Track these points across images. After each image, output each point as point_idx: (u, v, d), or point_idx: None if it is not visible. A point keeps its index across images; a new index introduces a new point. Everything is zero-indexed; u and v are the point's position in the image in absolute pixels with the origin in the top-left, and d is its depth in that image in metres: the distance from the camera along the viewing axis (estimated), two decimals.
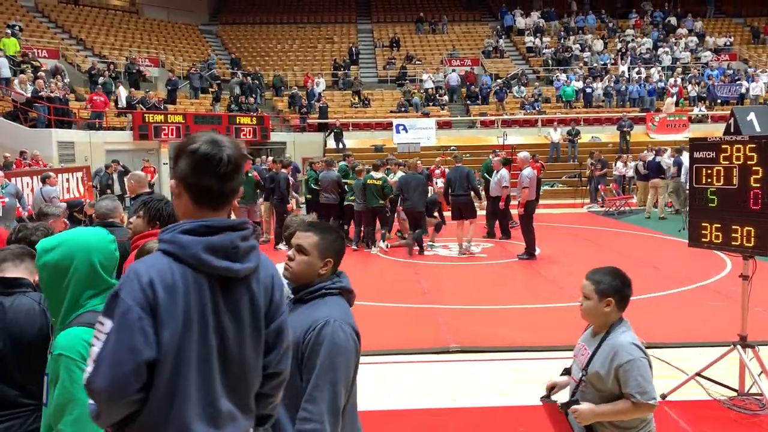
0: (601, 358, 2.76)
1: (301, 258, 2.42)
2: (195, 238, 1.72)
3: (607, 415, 2.72)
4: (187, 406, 1.70)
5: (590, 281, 2.90)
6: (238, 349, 1.81)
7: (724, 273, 9.16)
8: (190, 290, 1.70)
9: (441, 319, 7.08)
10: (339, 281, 2.48)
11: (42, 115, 17.64)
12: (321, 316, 2.30)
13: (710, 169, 4.68)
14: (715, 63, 29.08)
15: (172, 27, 31.84)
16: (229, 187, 1.80)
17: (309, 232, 2.45)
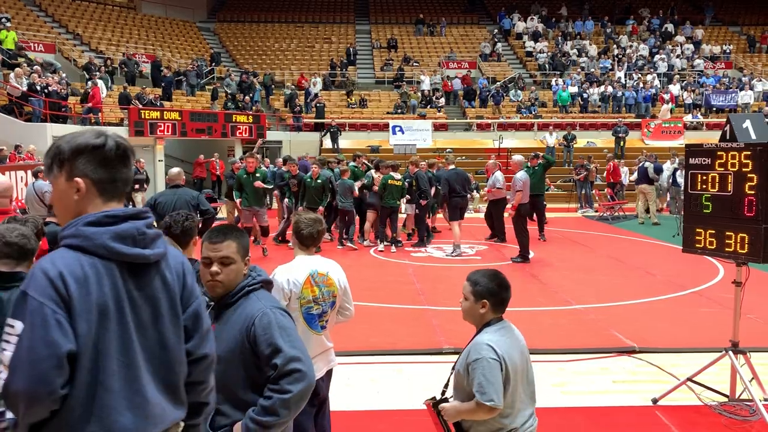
0: (461, 357, 2.81)
1: (229, 268, 2.47)
2: (100, 228, 1.70)
3: (461, 413, 2.72)
4: (111, 398, 1.66)
5: (469, 282, 2.88)
6: (158, 336, 1.79)
7: (716, 279, 9.20)
8: (103, 281, 1.68)
9: (435, 321, 7.08)
10: (258, 275, 2.55)
11: (37, 109, 17.58)
12: (256, 309, 2.41)
13: (705, 176, 4.70)
14: (710, 71, 29.23)
15: (169, 23, 31.78)
16: (129, 174, 1.82)
17: (226, 240, 2.49)
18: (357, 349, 6.11)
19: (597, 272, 9.95)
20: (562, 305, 7.85)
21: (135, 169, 15.54)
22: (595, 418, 4.79)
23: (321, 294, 3.39)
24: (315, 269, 3.40)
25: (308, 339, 3.25)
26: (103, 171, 1.75)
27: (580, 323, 7.06)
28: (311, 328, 3.36)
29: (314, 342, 3.35)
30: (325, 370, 3.45)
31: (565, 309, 7.68)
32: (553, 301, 8.02)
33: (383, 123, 24.96)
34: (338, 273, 3.53)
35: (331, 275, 3.46)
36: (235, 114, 22.29)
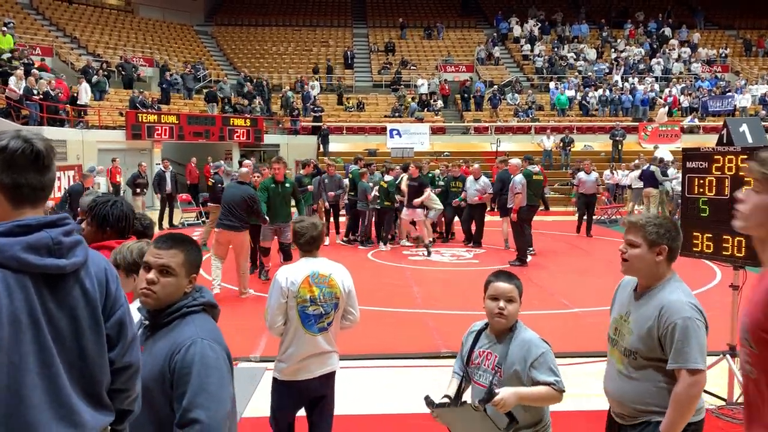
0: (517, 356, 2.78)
1: (167, 280, 2.18)
2: (11, 239, 1.62)
3: (531, 398, 2.72)
4: (33, 413, 1.62)
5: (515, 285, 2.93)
6: (79, 346, 1.74)
7: (713, 283, 9.22)
8: (14, 294, 1.61)
9: (432, 324, 7.08)
10: (200, 296, 2.25)
11: (34, 112, 17.55)
12: (186, 337, 2.10)
13: (702, 179, 4.71)
14: (707, 74, 29.32)
15: (167, 27, 31.79)
16: (48, 180, 1.72)
17: (173, 249, 2.21)
18: (354, 353, 6.10)
19: (595, 275, 9.96)
20: (559, 308, 7.85)
21: (137, 173, 15.49)
22: (594, 421, 4.78)
23: (321, 295, 3.43)
24: (316, 270, 3.47)
25: (301, 338, 3.39)
26: (7, 175, 1.64)
27: (578, 327, 7.06)
28: (305, 327, 3.41)
29: (307, 342, 3.40)
30: (318, 372, 3.47)
31: (562, 312, 7.68)
32: (550, 305, 8.02)
33: (381, 126, 24.99)
34: (342, 275, 3.56)
35: (334, 277, 3.49)
36: (232, 117, 22.29)
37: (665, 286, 2.59)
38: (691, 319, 2.48)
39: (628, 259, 2.62)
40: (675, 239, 2.59)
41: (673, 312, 2.49)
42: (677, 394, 2.47)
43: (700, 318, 2.51)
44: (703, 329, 2.51)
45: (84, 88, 19.85)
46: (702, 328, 2.50)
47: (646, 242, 2.57)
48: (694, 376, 2.45)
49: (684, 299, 2.53)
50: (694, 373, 2.45)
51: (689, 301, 2.52)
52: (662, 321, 2.51)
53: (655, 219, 2.61)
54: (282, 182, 9.00)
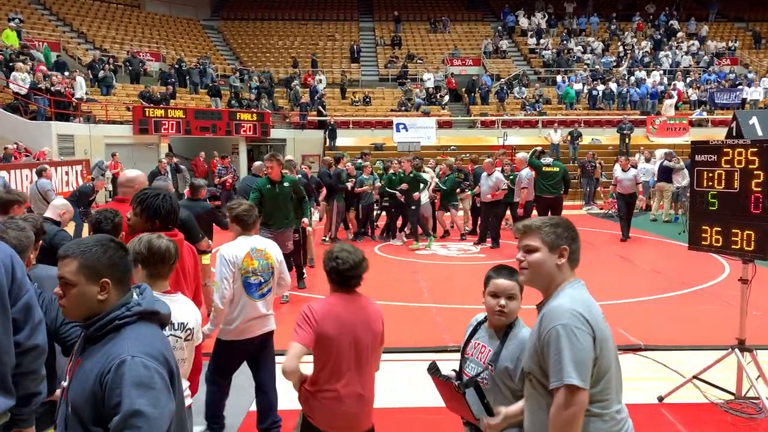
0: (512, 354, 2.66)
1: (69, 293, 1.98)
2: None
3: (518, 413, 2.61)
4: None
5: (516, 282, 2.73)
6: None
7: (722, 277, 9.17)
8: None
9: (439, 319, 7.07)
10: (137, 304, 2.03)
11: (42, 107, 17.62)
12: (116, 355, 1.91)
13: (711, 173, 4.68)
14: (716, 67, 29.09)
15: (173, 21, 31.80)
16: None
17: (68, 257, 1.99)
18: None
19: (602, 270, 9.92)
20: None
21: (156, 170, 15.36)
22: None
23: (260, 266, 4.15)
24: (254, 246, 4.20)
25: (246, 304, 4.08)
26: None
27: None
28: (249, 294, 4.10)
29: (250, 307, 4.10)
30: (259, 332, 4.18)
31: None
32: None
33: (387, 120, 24.94)
34: (274, 249, 4.31)
35: (268, 251, 4.24)
36: (239, 112, 22.29)
37: (559, 292, 2.26)
38: (567, 327, 2.09)
39: (527, 266, 2.32)
40: (575, 240, 2.32)
41: (550, 320, 2.15)
42: (551, 417, 2.10)
43: (580, 326, 2.10)
44: (585, 339, 2.09)
45: (79, 83, 19.87)
46: (582, 337, 2.08)
47: (546, 245, 2.28)
48: (568, 395, 2.05)
49: (567, 305, 2.16)
50: (568, 392, 2.04)
51: (572, 307, 2.14)
52: (541, 332, 2.17)
53: (550, 220, 2.35)
54: (279, 182, 7.73)
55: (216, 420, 4.22)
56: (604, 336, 2.16)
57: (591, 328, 2.12)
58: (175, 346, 2.82)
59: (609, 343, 2.19)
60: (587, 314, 2.14)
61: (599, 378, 2.14)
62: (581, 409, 2.06)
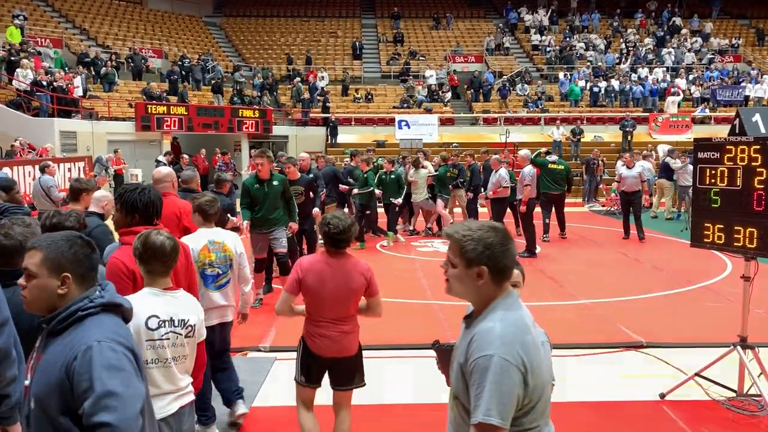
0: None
1: (31, 283, 2.01)
2: None
3: None
4: None
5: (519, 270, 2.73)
6: None
7: (724, 274, 9.16)
8: None
9: (441, 315, 7.08)
10: (99, 296, 2.05)
11: (44, 104, 17.64)
12: (81, 342, 1.91)
13: (714, 170, 4.68)
14: (719, 64, 29.02)
15: (175, 18, 31.81)
16: None
17: (33, 249, 2.04)
18: (363, 343, 6.11)
19: (604, 267, 9.92)
20: (569, 300, 7.84)
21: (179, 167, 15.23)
22: (602, 412, 4.78)
23: (217, 258, 4.24)
24: (212, 238, 4.28)
25: (203, 295, 4.07)
26: None
27: (587, 318, 7.05)
28: (205, 286, 4.19)
29: (207, 297, 4.14)
30: (216, 322, 4.25)
31: (572, 304, 7.66)
32: (559, 296, 8.00)
33: (389, 118, 24.93)
34: (234, 242, 4.38)
35: (226, 243, 4.31)
36: (241, 108, 22.30)
37: (490, 311, 2.03)
38: (495, 358, 1.88)
39: (448, 279, 2.12)
40: (499, 256, 2.03)
41: (478, 347, 1.93)
42: None
43: (511, 359, 1.89)
44: (513, 375, 1.88)
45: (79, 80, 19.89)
46: (511, 372, 1.88)
47: (464, 261, 2.04)
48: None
49: (498, 330, 1.94)
50: (486, 430, 1.87)
51: (503, 335, 1.93)
52: (469, 356, 1.96)
53: (476, 232, 2.06)
54: (268, 180, 7.23)
55: (203, 411, 4.15)
56: (538, 363, 1.97)
57: (522, 359, 1.91)
58: (175, 343, 2.83)
59: (542, 368, 2.01)
60: (520, 342, 1.94)
61: (531, 406, 1.98)
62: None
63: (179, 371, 2.87)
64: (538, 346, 2.02)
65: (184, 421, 2.91)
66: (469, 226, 2.10)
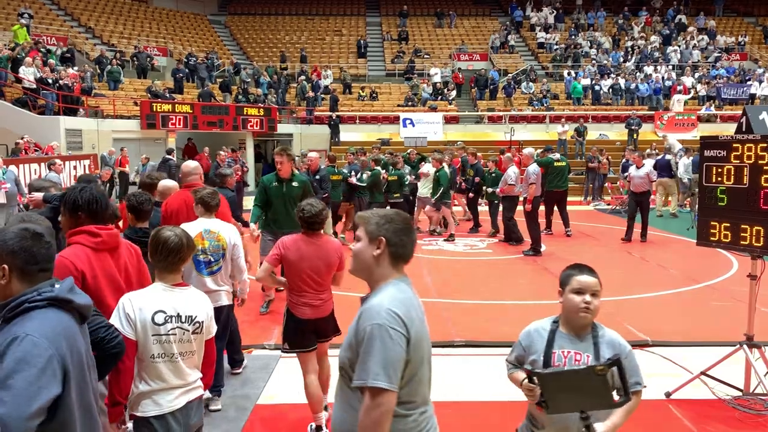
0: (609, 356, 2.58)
1: None
2: None
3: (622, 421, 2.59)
4: None
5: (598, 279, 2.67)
6: None
7: (730, 273, 9.13)
8: None
9: (446, 314, 7.07)
10: (48, 291, 2.07)
11: (50, 102, 17.69)
12: (14, 333, 1.96)
13: (721, 168, 4.65)
14: (726, 62, 28.89)
15: (180, 16, 31.85)
16: None
17: None
18: None
19: (609, 265, 9.89)
20: None
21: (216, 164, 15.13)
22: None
23: (210, 246, 4.49)
24: (208, 228, 4.53)
25: (194, 279, 4.32)
26: None
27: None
28: (197, 271, 4.46)
29: (197, 282, 4.32)
30: None
31: None
32: None
33: (394, 116, 24.91)
34: (229, 233, 4.63)
35: (221, 234, 4.56)
36: (246, 107, 22.32)
37: (381, 289, 2.17)
38: (382, 327, 2.01)
39: (352, 255, 2.28)
40: (398, 233, 2.21)
41: (366, 317, 2.07)
42: (359, 418, 2.03)
43: (396, 326, 2.03)
44: (398, 340, 2.02)
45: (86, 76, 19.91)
46: (396, 339, 2.01)
47: (367, 235, 2.22)
48: (375, 397, 1.98)
49: (385, 304, 2.08)
50: (374, 394, 1.98)
51: (389, 307, 2.06)
52: (359, 328, 2.09)
53: (382, 212, 2.27)
54: (288, 180, 6.93)
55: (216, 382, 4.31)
56: (419, 337, 2.10)
57: (407, 328, 2.05)
58: (182, 339, 2.85)
59: (423, 344, 2.14)
60: (404, 314, 2.07)
61: (408, 380, 2.08)
62: (389, 410, 2.01)
63: (187, 366, 2.89)
64: (421, 321, 2.16)
65: (192, 415, 2.94)
66: (376, 211, 2.31)
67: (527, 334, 2.76)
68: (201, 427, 3.07)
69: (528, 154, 11.22)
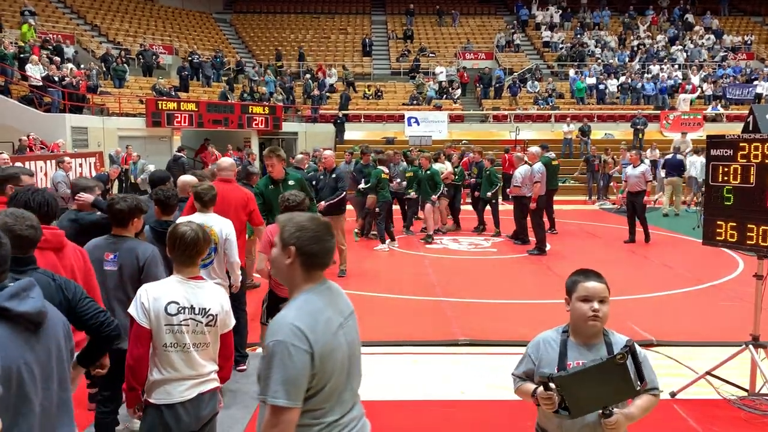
0: None
1: None
2: None
3: (638, 415, 2.58)
4: None
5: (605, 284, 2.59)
6: None
7: (736, 273, 9.09)
8: None
9: (450, 313, 7.07)
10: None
11: (56, 99, 17.74)
12: None
13: (727, 167, 4.64)
14: (732, 62, 28.77)
15: (186, 15, 31.90)
16: None
17: None
18: (373, 340, 6.12)
19: (614, 265, 9.86)
20: None
21: (248, 161, 15.07)
22: None
23: None
24: (203, 222, 4.30)
25: None
26: None
27: None
28: None
29: None
30: None
31: None
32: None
33: (398, 114, 24.89)
34: (221, 227, 4.79)
35: (214, 228, 4.70)
36: (251, 105, 22.34)
37: (294, 299, 2.15)
38: (282, 344, 1.98)
39: (270, 260, 2.27)
40: (311, 242, 2.13)
41: (269, 333, 2.05)
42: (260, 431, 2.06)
43: (297, 343, 1.99)
44: (299, 357, 1.98)
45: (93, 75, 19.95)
46: (295, 355, 1.98)
47: (281, 242, 2.16)
48: (274, 414, 1.97)
49: (289, 318, 2.04)
50: (274, 411, 1.97)
51: (293, 322, 2.02)
52: (264, 343, 2.09)
53: (297, 218, 2.19)
54: (282, 180, 6.76)
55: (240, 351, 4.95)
56: (329, 349, 2.06)
57: (309, 343, 2.00)
58: (195, 330, 2.94)
59: (335, 355, 2.10)
60: (309, 328, 2.02)
61: (317, 390, 2.06)
62: (288, 427, 2.00)
63: (202, 358, 2.97)
64: (332, 333, 2.10)
65: (203, 407, 2.98)
66: (291, 215, 2.24)
67: (536, 346, 2.65)
68: (216, 414, 3.11)
69: (534, 153, 11.19)
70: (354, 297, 8.56)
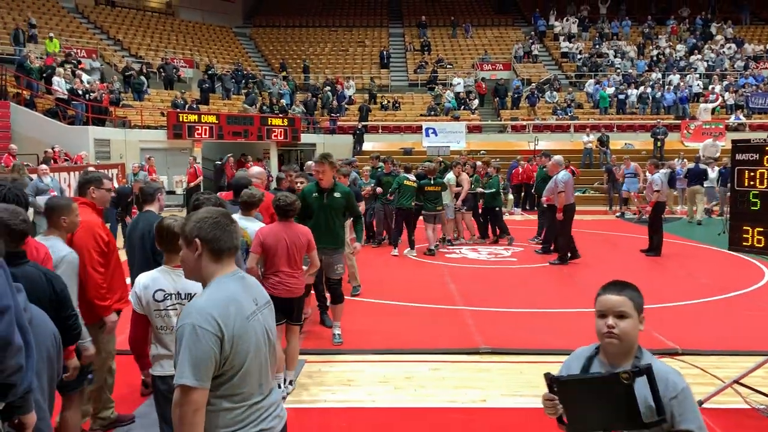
0: None
1: None
2: None
3: None
4: None
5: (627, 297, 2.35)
6: None
7: (761, 282, 8.94)
8: None
9: (470, 321, 7.03)
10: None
11: (80, 112, 18.04)
12: None
13: (753, 172, 4.58)
14: (754, 70, 28.46)
15: (206, 29, 32.35)
16: None
17: None
18: (393, 348, 6.10)
19: (636, 274, 9.73)
20: None
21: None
22: None
23: None
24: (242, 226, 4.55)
25: None
26: None
27: None
28: None
29: None
30: None
31: None
32: (590, 303, 7.84)
33: (416, 125, 24.94)
34: (255, 229, 5.08)
35: (247, 231, 5.06)
36: (270, 117, 22.54)
37: (206, 289, 2.23)
38: (191, 326, 2.07)
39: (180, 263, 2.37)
40: (211, 229, 2.21)
41: (182, 316, 2.15)
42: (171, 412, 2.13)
43: (206, 326, 2.07)
44: (207, 339, 2.06)
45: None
46: (204, 338, 2.06)
47: (184, 240, 2.26)
48: (182, 394, 2.05)
49: (201, 303, 2.14)
50: (182, 391, 2.05)
51: (204, 307, 2.12)
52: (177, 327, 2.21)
53: (194, 214, 2.28)
54: (329, 191, 6.22)
55: None
56: (241, 332, 2.15)
57: (219, 326, 2.09)
58: None
59: (247, 338, 2.17)
60: (219, 313, 2.11)
61: (232, 374, 2.15)
62: (197, 407, 2.07)
63: None
64: (244, 317, 2.18)
65: None
66: (192, 213, 2.33)
67: (569, 358, 2.48)
68: None
69: (556, 162, 11.07)
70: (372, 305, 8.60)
